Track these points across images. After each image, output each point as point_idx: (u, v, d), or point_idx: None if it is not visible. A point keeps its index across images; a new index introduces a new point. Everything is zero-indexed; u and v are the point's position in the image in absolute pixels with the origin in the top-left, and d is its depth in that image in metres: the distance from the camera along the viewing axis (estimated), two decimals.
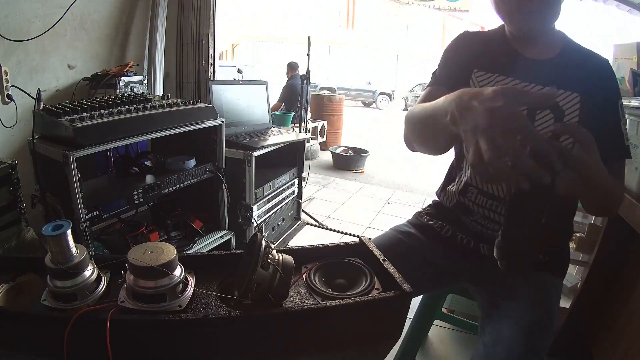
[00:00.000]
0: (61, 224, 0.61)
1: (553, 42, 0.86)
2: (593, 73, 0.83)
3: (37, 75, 1.79)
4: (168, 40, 2.35)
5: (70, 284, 0.61)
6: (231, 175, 1.68)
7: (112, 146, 1.17)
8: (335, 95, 6.55)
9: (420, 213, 1.07)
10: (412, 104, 12.67)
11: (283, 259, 0.64)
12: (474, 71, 0.90)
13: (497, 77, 0.88)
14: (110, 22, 2.10)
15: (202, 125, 1.44)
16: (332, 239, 2.56)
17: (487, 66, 0.89)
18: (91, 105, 1.22)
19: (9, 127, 1.56)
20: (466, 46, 0.93)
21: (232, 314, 0.60)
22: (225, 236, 1.66)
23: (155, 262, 0.60)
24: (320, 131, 5.35)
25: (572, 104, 0.82)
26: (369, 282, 0.71)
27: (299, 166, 2.26)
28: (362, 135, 6.87)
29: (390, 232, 1.03)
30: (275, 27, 15.08)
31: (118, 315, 0.57)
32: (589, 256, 1.46)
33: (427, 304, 1.21)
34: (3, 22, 1.61)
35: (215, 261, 0.77)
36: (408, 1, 11.73)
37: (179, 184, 1.42)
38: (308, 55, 3.24)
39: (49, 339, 0.58)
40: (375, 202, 3.47)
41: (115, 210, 1.24)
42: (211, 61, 2.33)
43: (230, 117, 1.96)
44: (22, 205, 1.26)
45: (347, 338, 0.67)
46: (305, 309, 0.63)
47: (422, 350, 1.49)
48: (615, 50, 1.61)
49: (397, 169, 4.88)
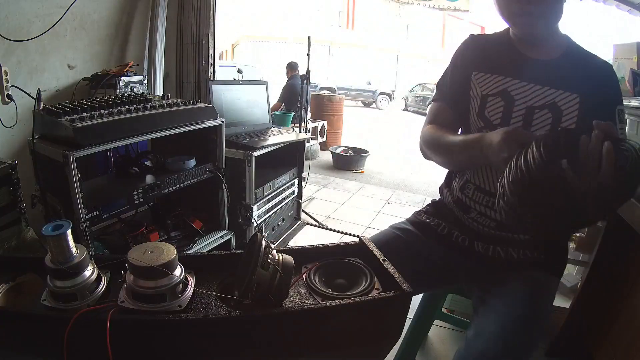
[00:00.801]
0: (61, 224, 0.61)
1: (557, 44, 0.86)
2: (594, 75, 0.83)
3: (37, 75, 1.79)
4: (168, 40, 2.35)
5: (70, 284, 0.61)
6: (231, 175, 1.68)
7: (112, 146, 1.17)
8: (335, 95, 6.54)
9: (418, 212, 1.07)
10: (412, 104, 12.78)
11: (283, 259, 0.64)
12: (473, 73, 0.91)
13: (495, 77, 0.88)
14: (110, 22, 2.10)
15: (202, 125, 1.44)
16: (332, 239, 2.56)
17: (486, 67, 0.90)
18: (91, 105, 1.22)
19: (9, 127, 1.55)
20: (469, 50, 0.94)
21: (232, 314, 0.60)
22: (225, 236, 1.66)
23: (155, 262, 0.60)
24: (320, 131, 5.34)
25: (572, 104, 0.82)
26: (369, 282, 0.71)
27: (299, 166, 2.26)
28: (362, 135, 6.86)
29: (389, 230, 1.03)
30: (275, 27, 15.07)
31: (118, 315, 0.57)
32: (589, 256, 1.46)
33: (427, 304, 1.21)
34: (3, 22, 1.61)
35: (215, 261, 0.77)
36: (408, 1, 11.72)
37: (179, 184, 1.42)
38: (308, 55, 3.24)
39: (49, 339, 0.58)
40: (375, 202, 3.47)
41: (115, 210, 1.24)
42: (211, 61, 2.33)
43: (230, 117, 1.96)
44: (22, 205, 1.26)
45: (347, 338, 0.68)
46: (305, 309, 0.63)
47: (422, 350, 1.49)
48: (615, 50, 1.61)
49: (397, 169, 4.88)
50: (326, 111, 5.51)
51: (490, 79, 0.89)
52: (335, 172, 4.45)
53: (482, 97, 0.90)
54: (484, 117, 0.89)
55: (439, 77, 1.00)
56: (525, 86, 0.85)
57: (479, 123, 0.90)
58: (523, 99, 0.85)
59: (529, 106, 0.84)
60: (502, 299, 0.81)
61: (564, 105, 0.82)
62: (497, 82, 0.88)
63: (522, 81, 0.85)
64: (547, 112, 0.83)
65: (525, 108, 0.84)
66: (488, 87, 0.89)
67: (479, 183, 0.91)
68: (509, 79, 0.87)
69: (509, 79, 0.87)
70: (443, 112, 0.97)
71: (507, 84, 0.87)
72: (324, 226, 2.79)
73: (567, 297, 1.68)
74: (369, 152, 4.79)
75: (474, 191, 0.92)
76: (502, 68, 0.88)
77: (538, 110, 0.83)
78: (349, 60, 16.58)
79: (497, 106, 0.87)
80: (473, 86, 0.92)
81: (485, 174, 0.89)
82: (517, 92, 0.86)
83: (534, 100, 0.84)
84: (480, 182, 0.90)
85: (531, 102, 0.84)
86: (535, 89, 0.84)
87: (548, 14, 0.79)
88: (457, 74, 0.95)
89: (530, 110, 0.84)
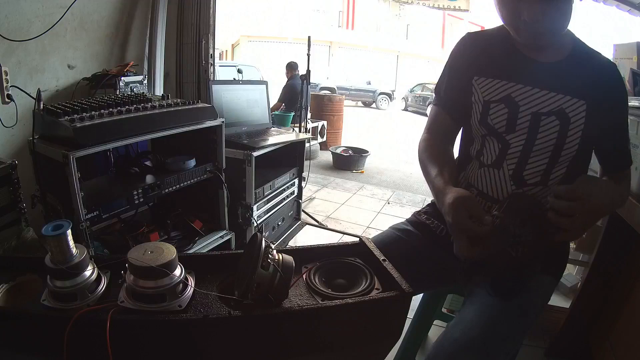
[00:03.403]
0: (61, 224, 0.61)
1: (562, 45, 0.82)
2: (601, 79, 0.80)
3: (37, 75, 1.79)
4: (168, 40, 2.35)
5: (70, 284, 0.61)
6: (231, 175, 1.68)
7: (112, 146, 1.17)
8: (335, 95, 6.54)
9: (418, 212, 1.07)
10: (412, 104, 12.79)
11: (283, 259, 0.64)
12: (474, 78, 0.88)
13: (497, 82, 0.85)
14: (110, 22, 2.10)
15: (202, 125, 1.44)
16: (332, 239, 2.56)
17: (487, 71, 0.87)
18: (91, 105, 1.22)
19: (9, 127, 1.55)
20: (467, 50, 0.91)
21: (232, 314, 0.60)
22: (225, 236, 1.66)
23: (155, 262, 0.60)
24: (320, 131, 5.34)
25: (578, 111, 0.79)
26: (369, 282, 0.71)
27: (299, 166, 2.26)
28: (362, 135, 6.87)
29: (389, 231, 1.03)
30: (275, 27, 15.07)
31: (118, 315, 0.57)
32: (589, 256, 1.46)
33: (427, 304, 1.21)
34: (3, 22, 1.61)
35: (215, 261, 0.77)
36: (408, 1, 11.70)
37: (179, 184, 1.42)
38: (308, 55, 3.24)
39: (49, 339, 0.58)
40: (375, 202, 3.47)
41: (115, 210, 1.24)
42: (211, 61, 2.33)
43: (230, 117, 1.96)
44: (22, 205, 1.26)
45: (347, 338, 0.68)
46: (305, 309, 0.63)
47: (422, 350, 1.49)
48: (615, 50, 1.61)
49: (397, 169, 4.88)
50: (326, 111, 5.51)
51: (492, 84, 0.86)
52: (335, 172, 4.45)
53: (485, 103, 0.86)
54: (487, 124, 0.86)
55: (437, 80, 0.97)
56: (530, 91, 0.81)
57: (481, 130, 0.88)
58: (528, 104, 0.81)
59: (535, 112, 0.81)
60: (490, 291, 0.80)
61: (572, 112, 0.79)
62: (499, 88, 0.85)
63: (527, 86, 0.82)
64: (555, 118, 0.80)
65: (531, 114, 0.81)
66: (490, 92, 0.86)
67: (481, 188, 0.89)
68: (513, 83, 0.83)
69: (513, 84, 0.83)
70: (440, 118, 0.95)
71: (511, 89, 0.83)
72: (324, 226, 2.79)
73: (567, 297, 1.68)
74: (369, 152, 4.79)
75: (476, 195, 0.90)
76: (504, 72, 0.85)
77: (545, 116, 0.80)
78: (349, 60, 16.59)
79: (500, 113, 0.84)
80: (475, 91, 0.88)
81: (489, 179, 0.88)
82: (522, 97, 0.82)
83: (539, 106, 0.81)
84: (483, 187, 0.89)
85: (537, 108, 0.81)
86: (541, 94, 0.81)
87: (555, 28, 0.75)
88: (456, 78, 0.92)
89: (537, 116, 0.81)
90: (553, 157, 0.81)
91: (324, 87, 11.13)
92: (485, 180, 0.88)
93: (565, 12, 0.74)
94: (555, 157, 0.81)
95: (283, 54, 12.24)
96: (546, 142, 0.81)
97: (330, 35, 16.10)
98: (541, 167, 0.82)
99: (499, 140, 0.85)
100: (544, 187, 0.83)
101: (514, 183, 0.84)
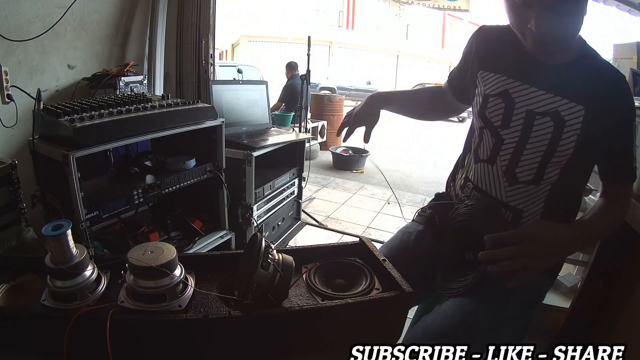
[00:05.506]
0: (61, 224, 0.61)
1: (569, 48, 0.81)
2: (604, 88, 0.78)
3: (37, 75, 1.79)
4: (168, 40, 2.35)
5: (70, 284, 0.61)
6: (231, 175, 1.68)
7: (112, 146, 1.17)
8: (335, 95, 6.54)
9: (423, 209, 1.08)
10: None
11: (283, 259, 0.64)
12: (480, 72, 0.90)
13: (498, 77, 0.87)
14: (110, 22, 2.10)
15: (202, 125, 1.44)
16: (332, 239, 2.56)
17: (491, 66, 0.88)
18: (91, 105, 1.22)
19: (9, 127, 1.55)
20: (476, 45, 0.93)
21: (232, 314, 0.60)
22: (225, 236, 1.66)
23: (155, 262, 0.60)
24: (320, 131, 5.35)
25: (575, 116, 0.78)
26: (369, 282, 0.71)
27: (299, 166, 2.26)
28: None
29: (398, 234, 1.04)
30: (275, 27, 15.07)
31: (118, 315, 0.57)
32: (588, 256, 1.46)
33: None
34: (3, 22, 1.61)
35: (215, 261, 0.77)
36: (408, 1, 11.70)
37: (179, 184, 1.42)
38: (308, 55, 3.24)
39: (49, 339, 0.58)
40: (375, 202, 3.47)
41: (115, 210, 1.24)
42: (211, 61, 2.33)
43: (230, 117, 1.96)
44: (22, 205, 1.26)
45: (347, 338, 0.67)
46: (305, 309, 0.63)
47: None
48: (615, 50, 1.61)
49: (397, 169, 4.88)
50: (326, 111, 5.51)
51: (493, 78, 0.87)
52: (335, 172, 4.45)
53: (485, 97, 0.88)
54: (484, 116, 0.88)
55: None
56: (527, 89, 0.82)
57: (479, 122, 0.90)
58: (524, 102, 0.82)
59: (530, 110, 0.81)
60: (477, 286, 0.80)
61: (568, 116, 0.79)
62: (499, 82, 0.86)
63: (524, 84, 0.82)
64: (549, 119, 0.80)
65: (526, 112, 0.82)
66: (490, 86, 0.87)
67: (477, 183, 0.90)
68: (511, 80, 0.84)
69: (511, 80, 0.84)
70: (445, 92, 1.05)
71: (509, 85, 0.84)
72: (324, 226, 2.79)
73: (567, 297, 1.68)
74: (369, 152, 4.79)
75: (472, 190, 0.92)
76: (505, 68, 0.85)
77: (540, 116, 0.80)
78: (349, 60, 16.59)
79: (497, 107, 0.85)
80: (479, 84, 0.90)
81: (484, 174, 0.89)
82: (518, 94, 0.83)
83: (535, 105, 0.81)
84: (478, 181, 0.90)
85: (532, 106, 0.81)
86: (538, 94, 0.81)
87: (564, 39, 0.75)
88: (465, 69, 0.96)
89: (531, 114, 0.81)
90: (546, 158, 0.81)
91: (323, 87, 11.14)
92: (480, 175, 0.90)
93: (574, 25, 0.73)
94: (547, 157, 0.81)
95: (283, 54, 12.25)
96: (539, 141, 0.81)
97: (330, 35, 16.10)
98: (533, 166, 0.83)
99: (494, 134, 0.86)
100: (536, 186, 0.84)
101: (506, 180, 0.85)
